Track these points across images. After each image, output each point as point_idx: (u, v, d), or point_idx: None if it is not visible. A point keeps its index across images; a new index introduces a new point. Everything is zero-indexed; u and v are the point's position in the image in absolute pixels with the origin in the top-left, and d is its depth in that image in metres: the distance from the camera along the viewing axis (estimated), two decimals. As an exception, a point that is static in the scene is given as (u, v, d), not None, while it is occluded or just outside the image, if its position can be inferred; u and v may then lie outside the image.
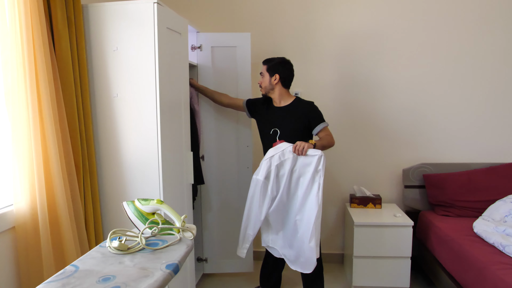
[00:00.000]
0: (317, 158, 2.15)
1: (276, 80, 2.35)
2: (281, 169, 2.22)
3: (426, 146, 3.03)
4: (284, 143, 2.24)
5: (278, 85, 2.37)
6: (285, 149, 2.21)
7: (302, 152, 2.14)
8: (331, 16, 2.98)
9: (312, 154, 2.16)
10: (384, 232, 2.61)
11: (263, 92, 2.45)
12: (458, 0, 2.86)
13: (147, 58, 1.97)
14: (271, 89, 2.39)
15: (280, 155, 2.21)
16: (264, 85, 2.40)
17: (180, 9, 3.09)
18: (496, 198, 2.70)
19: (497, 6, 2.83)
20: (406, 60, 2.96)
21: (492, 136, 2.95)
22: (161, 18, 1.98)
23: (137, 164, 2.04)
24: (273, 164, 2.21)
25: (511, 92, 2.89)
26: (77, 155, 1.95)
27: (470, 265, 2.10)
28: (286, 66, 2.37)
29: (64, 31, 1.88)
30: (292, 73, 2.41)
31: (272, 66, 2.36)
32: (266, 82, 2.38)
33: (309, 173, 2.17)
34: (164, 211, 1.55)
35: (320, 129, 2.35)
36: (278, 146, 2.24)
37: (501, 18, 2.83)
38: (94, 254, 1.30)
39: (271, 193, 2.23)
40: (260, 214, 2.26)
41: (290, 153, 2.20)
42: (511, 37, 2.84)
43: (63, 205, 1.82)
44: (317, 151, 2.17)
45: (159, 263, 1.22)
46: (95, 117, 2.07)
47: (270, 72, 2.35)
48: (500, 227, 2.30)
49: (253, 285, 2.87)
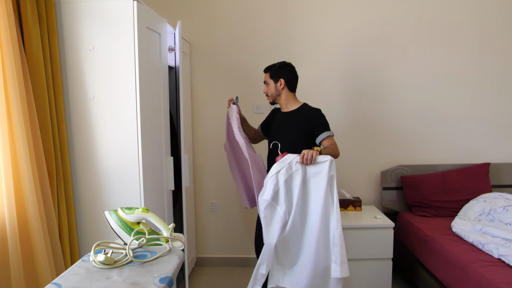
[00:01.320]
0: (328, 163, 1.94)
1: (282, 85, 2.26)
2: (291, 184, 1.97)
3: (403, 149, 3.09)
4: (289, 155, 2.00)
5: (285, 90, 2.28)
6: (291, 161, 1.97)
7: (312, 160, 1.93)
8: (314, 23, 2.99)
9: (322, 161, 1.96)
10: (365, 235, 2.62)
11: (270, 100, 2.34)
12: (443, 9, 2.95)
13: (126, 58, 1.87)
14: (278, 95, 2.29)
15: (287, 168, 1.97)
16: (270, 92, 2.30)
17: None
18: (469, 197, 2.79)
19: (463, 11, 2.95)
20: (385, 68, 3.01)
21: (464, 138, 3.06)
22: (141, 17, 1.89)
23: (116, 171, 1.92)
24: (281, 180, 1.95)
25: (481, 96, 3.02)
26: (50, 161, 1.81)
27: (452, 264, 2.14)
28: (289, 68, 2.29)
29: (35, 28, 1.74)
30: (296, 75, 2.32)
31: (275, 72, 2.27)
32: (272, 89, 2.28)
33: (324, 181, 1.94)
34: (150, 220, 1.45)
35: (323, 138, 2.18)
36: (283, 160, 1.99)
37: (470, 25, 2.95)
38: (77, 269, 1.19)
39: (284, 215, 1.95)
40: (271, 242, 1.95)
41: (298, 164, 1.97)
42: (478, 42, 2.96)
43: (35, 215, 1.68)
44: (326, 156, 1.97)
45: (151, 277, 1.14)
46: (69, 121, 1.93)
47: (274, 78, 2.26)
48: (476, 226, 2.37)
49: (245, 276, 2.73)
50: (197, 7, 3.01)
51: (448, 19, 2.95)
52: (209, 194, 3.17)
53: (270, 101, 2.35)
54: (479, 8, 2.93)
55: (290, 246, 2.03)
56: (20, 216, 1.68)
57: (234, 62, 3.04)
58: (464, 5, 2.93)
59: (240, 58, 3.04)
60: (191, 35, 3.02)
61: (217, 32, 3.02)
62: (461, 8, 2.93)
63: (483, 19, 2.94)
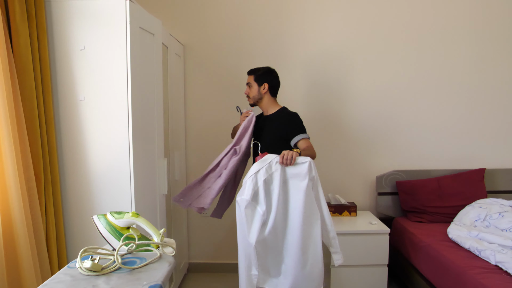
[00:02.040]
0: (308, 165, 1.95)
1: (265, 89, 2.31)
2: (270, 185, 1.97)
3: (398, 154, 3.07)
4: (269, 155, 2.01)
5: (267, 94, 2.33)
6: (271, 161, 1.98)
7: (291, 161, 1.94)
8: (306, 27, 2.97)
9: (301, 162, 1.97)
10: (360, 240, 2.59)
11: (251, 102, 2.38)
12: (428, 11, 2.95)
13: (118, 59, 1.82)
14: (260, 99, 2.34)
15: (267, 168, 1.97)
16: (252, 95, 2.34)
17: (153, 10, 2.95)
18: (464, 203, 2.77)
19: (465, 16, 2.95)
20: (377, 71, 3.00)
21: (460, 143, 3.05)
22: (133, 17, 1.85)
23: (106, 174, 1.87)
24: (260, 180, 1.95)
25: (475, 102, 3.01)
26: (37, 164, 1.75)
27: (448, 270, 2.11)
28: (273, 74, 2.35)
29: (23, 26, 1.69)
30: (279, 81, 2.39)
31: (260, 75, 2.31)
32: (255, 92, 2.32)
33: (304, 183, 1.94)
34: (140, 225, 1.40)
35: (297, 140, 2.21)
36: (263, 159, 2.00)
37: (468, 26, 2.95)
38: (62, 277, 1.13)
39: (263, 214, 1.94)
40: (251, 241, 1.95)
41: (277, 165, 1.97)
42: (478, 47, 2.97)
43: (20, 220, 1.61)
44: (306, 158, 1.99)
45: (140, 285, 1.08)
46: (58, 122, 1.88)
47: (259, 81, 2.31)
48: (473, 232, 2.35)
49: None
50: (191, 9, 2.97)
51: (444, 22, 2.95)
52: (202, 198, 3.11)
53: (250, 103, 2.39)
54: (474, 8, 2.93)
55: (272, 247, 2.01)
56: (5, 220, 1.61)
57: (228, 64, 3.01)
58: (465, 3, 2.93)
59: (233, 60, 3.00)
60: (185, 37, 2.98)
61: (211, 34, 2.99)
62: (455, 7, 2.94)
63: (478, 21, 2.95)
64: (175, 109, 2.70)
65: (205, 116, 3.05)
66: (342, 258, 2.12)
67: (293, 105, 2.97)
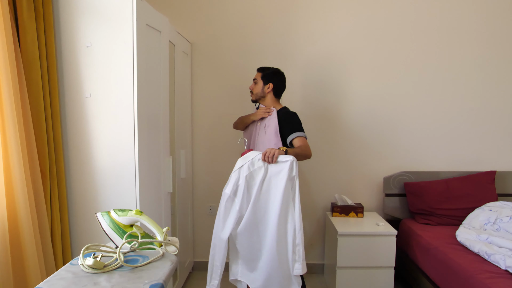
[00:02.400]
0: (289, 164, 1.93)
1: (269, 89, 2.32)
2: (252, 181, 1.97)
3: (406, 155, 3.03)
4: (252, 152, 2.03)
5: (270, 94, 2.34)
6: (254, 157, 1.99)
7: (272, 159, 1.94)
8: (313, 26, 2.94)
9: (283, 160, 1.95)
10: (367, 242, 2.55)
11: (253, 98, 2.40)
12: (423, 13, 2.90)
13: (124, 56, 1.81)
14: (262, 97, 2.36)
15: (249, 164, 1.98)
16: (255, 91, 2.36)
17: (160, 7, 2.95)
18: (473, 206, 2.72)
19: (469, 13, 2.89)
20: (386, 71, 2.96)
21: (470, 145, 3.00)
22: (140, 14, 1.84)
23: (111, 171, 1.87)
24: (242, 176, 1.97)
25: (487, 102, 2.96)
26: (43, 160, 1.76)
27: (456, 274, 2.07)
28: (281, 77, 2.36)
29: (30, 22, 1.69)
30: (285, 85, 2.39)
31: (267, 74, 2.33)
32: (259, 89, 2.34)
33: (283, 182, 1.92)
34: (143, 223, 1.39)
35: (293, 138, 2.19)
36: (246, 156, 2.02)
37: (476, 25, 2.90)
38: (64, 274, 1.13)
39: (240, 210, 1.96)
40: (223, 236, 1.98)
41: (260, 162, 1.97)
42: (484, 46, 2.91)
43: (26, 216, 1.62)
44: (288, 156, 1.96)
45: (141, 283, 1.07)
46: (64, 119, 1.88)
47: (265, 80, 2.33)
48: (482, 235, 2.30)
49: None
50: (199, 7, 2.96)
51: (452, 20, 2.90)
52: (207, 197, 3.11)
53: (252, 98, 2.41)
54: (480, 5, 2.88)
55: (249, 242, 2.02)
56: (11, 216, 1.62)
57: (235, 62, 2.99)
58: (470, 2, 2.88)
59: (240, 58, 2.99)
60: (192, 35, 2.98)
61: (218, 32, 2.98)
62: (460, 6, 2.88)
63: (486, 20, 2.89)
64: (181, 107, 2.69)
65: (212, 115, 3.05)
66: (302, 269, 1.96)
67: (299, 105, 2.96)
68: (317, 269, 3.13)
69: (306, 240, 3.07)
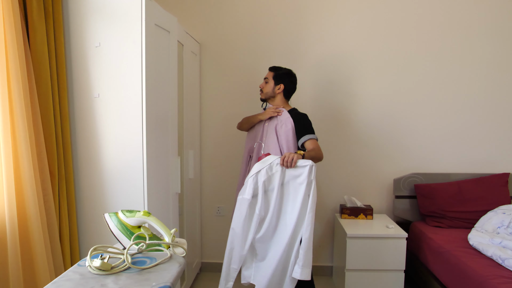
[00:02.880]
0: (308, 168, 1.92)
1: (279, 90, 2.31)
2: (270, 185, 1.97)
3: (417, 156, 2.98)
4: (271, 156, 2.01)
5: (280, 95, 2.33)
6: (272, 162, 1.98)
7: (292, 163, 1.92)
8: (322, 27, 2.91)
9: (302, 165, 1.93)
10: (377, 244, 2.52)
11: (262, 97, 2.38)
12: (434, 11, 2.85)
13: (133, 56, 1.81)
14: (272, 97, 2.35)
15: (268, 169, 1.96)
16: (266, 90, 2.34)
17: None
18: (486, 209, 2.67)
19: (474, 13, 2.83)
20: (396, 72, 2.92)
21: (482, 146, 2.94)
22: (149, 14, 1.83)
23: (120, 171, 1.86)
24: (260, 181, 1.96)
25: (501, 103, 2.90)
26: (52, 160, 1.76)
27: (469, 279, 2.02)
28: (292, 79, 2.35)
29: (40, 22, 1.70)
30: (295, 87, 2.38)
31: (279, 75, 2.32)
32: (269, 88, 2.33)
33: (303, 186, 1.92)
34: (151, 224, 1.38)
35: (305, 140, 2.19)
36: (264, 160, 2.00)
37: (481, 25, 2.84)
38: (71, 275, 1.12)
39: (259, 214, 1.95)
40: (246, 240, 1.97)
41: (278, 166, 1.96)
42: (499, 47, 2.85)
43: (35, 216, 1.62)
44: (307, 161, 1.94)
45: (149, 286, 1.06)
46: (73, 119, 1.88)
47: (276, 80, 2.31)
48: (495, 239, 2.25)
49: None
50: (207, 7, 2.95)
51: (462, 23, 2.85)
52: (216, 198, 3.10)
53: (262, 97, 2.39)
54: (490, 7, 2.82)
55: (264, 245, 2.03)
56: (20, 216, 1.62)
57: (244, 62, 2.98)
58: (479, 6, 2.82)
59: (249, 59, 2.97)
60: (201, 35, 2.97)
61: (227, 32, 2.96)
62: (470, 10, 2.83)
63: (496, 21, 2.83)
64: (189, 108, 2.69)
65: (221, 115, 3.03)
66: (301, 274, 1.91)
67: (307, 105, 2.93)
68: (325, 271, 3.10)
69: (315, 241, 3.04)
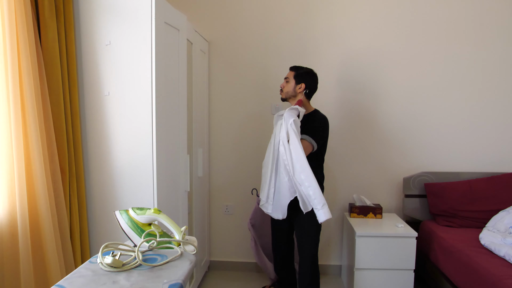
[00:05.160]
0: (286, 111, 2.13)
1: (301, 89, 2.29)
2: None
3: (427, 155, 2.95)
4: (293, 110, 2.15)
5: (301, 94, 2.30)
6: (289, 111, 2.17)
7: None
8: (334, 23, 2.89)
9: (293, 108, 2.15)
10: (386, 243, 2.50)
11: (283, 96, 2.35)
12: (453, 10, 2.81)
13: (143, 54, 1.81)
14: (293, 96, 2.32)
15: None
16: (286, 90, 2.32)
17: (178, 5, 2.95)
18: (498, 208, 2.63)
19: (493, 14, 2.79)
20: (407, 69, 2.89)
21: (493, 145, 2.90)
22: (159, 12, 1.84)
23: (130, 169, 1.87)
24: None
25: (510, 101, 2.85)
26: (63, 158, 1.77)
27: (481, 279, 2.00)
28: (314, 78, 2.32)
29: (51, 21, 1.71)
30: (317, 87, 2.36)
31: (300, 74, 2.29)
32: (290, 88, 2.30)
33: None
34: (161, 221, 1.38)
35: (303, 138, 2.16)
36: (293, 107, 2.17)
37: (499, 26, 2.80)
38: (84, 271, 1.13)
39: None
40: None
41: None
42: (510, 45, 2.81)
43: (46, 213, 1.63)
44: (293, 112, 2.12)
45: (160, 283, 1.06)
46: (83, 117, 1.89)
47: (297, 79, 2.29)
48: (508, 239, 2.22)
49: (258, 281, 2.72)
50: (217, 5, 2.95)
51: (477, 18, 2.81)
52: (225, 196, 3.10)
53: (282, 97, 2.37)
54: None
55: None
56: (32, 213, 1.64)
57: (253, 61, 2.97)
58: (496, 4, 2.78)
59: (259, 57, 2.96)
60: (210, 34, 2.97)
61: (236, 30, 2.96)
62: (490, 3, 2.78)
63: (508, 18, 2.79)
64: (199, 106, 2.69)
65: (229, 113, 3.03)
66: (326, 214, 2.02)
67: (317, 104, 2.91)
68: (334, 270, 3.08)
69: (323, 240, 3.03)
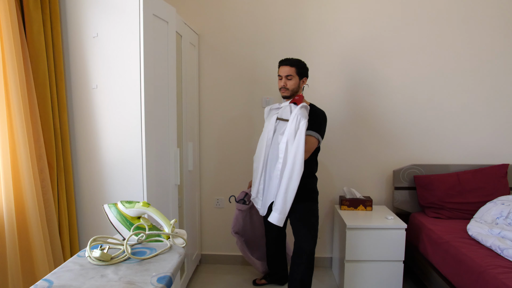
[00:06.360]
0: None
1: (304, 83, 2.30)
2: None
3: (416, 147, 2.98)
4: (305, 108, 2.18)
5: (301, 89, 2.31)
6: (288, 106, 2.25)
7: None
8: (326, 14, 2.88)
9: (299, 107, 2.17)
10: (376, 235, 2.52)
11: (288, 94, 2.27)
12: (446, 2, 2.82)
13: (131, 46, 1.79)
14: (297, 92, 2.28)
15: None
16: (292, 87, 2.25)
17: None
18: (485, 199, 2.68)
19: (487, 10, 2.81)
20: (397, 63, 2.90)
21: (481, 138, 2.94)
22: (147, 4, 1.81)
23: (118, 163, 1.85)
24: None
25: (499, 95, 2.89)
26: (50, 152, 1.75)
27: (468, 269, 2.03)
28: (308, 70, 2.33)
29: (36, 12, 1.67)
30: None
31: (302, 69, 2.26)
32: (295, 85, 2.25)
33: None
34: (151, 215, 1.38)
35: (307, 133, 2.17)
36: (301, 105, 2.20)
37: (490, 21, 2.82)
38: (71, 266, 1.12)
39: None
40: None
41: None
42: (500, 39, 2.83)
43: (33, 207, 1.61)
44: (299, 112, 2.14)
45: (149, 276, 1.06)
46: (71, 110, 1.87)
47: (300, 75, 2.26)
48: (494, 230, 2.25)
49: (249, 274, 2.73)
50: (207, -3, 2.92)
51: (476, 11, 2.82)
52: (215, 190, 3.10)
53: (287, 95, 2.27)
54: (501, 2, 2.80)
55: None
56: (18, 208, 1.62)
57: (243, 54, 2.95)
58: (485, -2, 2.80)
59: (249, 50, 2.95)
60: (199, 26, 2.94)
61: (226, 23, 2.94)
62: (482, 1, 2.80)
63: (502, 13, 2.81)
64: (188, 99, 2.67)
65: (220, 107, 3.02)
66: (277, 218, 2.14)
67: (307, 98, 2.91)
68: (325, 262, 3.11)
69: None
